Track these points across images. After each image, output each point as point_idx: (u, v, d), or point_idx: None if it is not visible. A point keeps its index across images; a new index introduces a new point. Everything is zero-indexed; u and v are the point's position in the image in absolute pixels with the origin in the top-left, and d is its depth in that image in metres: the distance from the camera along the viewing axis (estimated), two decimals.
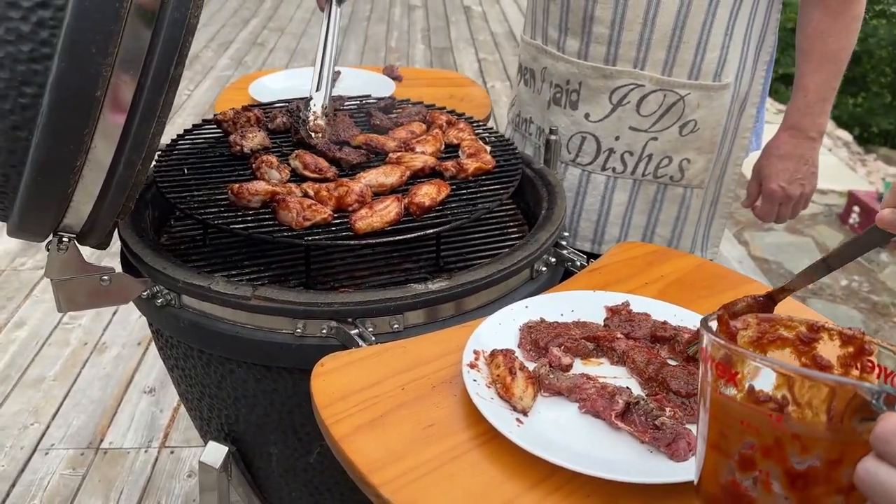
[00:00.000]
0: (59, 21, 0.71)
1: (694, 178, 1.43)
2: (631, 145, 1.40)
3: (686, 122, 1.37)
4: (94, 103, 0.74)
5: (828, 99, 1.39)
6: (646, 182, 1.43)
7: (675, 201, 1.45)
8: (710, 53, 1.33)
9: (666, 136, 1.38)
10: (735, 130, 1.44)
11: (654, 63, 1.34)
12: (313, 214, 1.03)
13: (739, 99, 1.41)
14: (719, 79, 1.36)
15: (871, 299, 3.56)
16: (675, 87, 1.35)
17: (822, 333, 0.61)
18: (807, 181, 1.44)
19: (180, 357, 1.12)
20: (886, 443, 0.43)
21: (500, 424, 0.74)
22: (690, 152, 1.40)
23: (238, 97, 1.75)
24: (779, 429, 0.50)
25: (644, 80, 1.36)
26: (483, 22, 6.67)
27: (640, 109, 1.37)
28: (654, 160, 1.41)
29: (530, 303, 0.95)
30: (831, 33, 1.35)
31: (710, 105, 1.37)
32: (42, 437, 2.16)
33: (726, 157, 1.47)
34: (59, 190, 0.81)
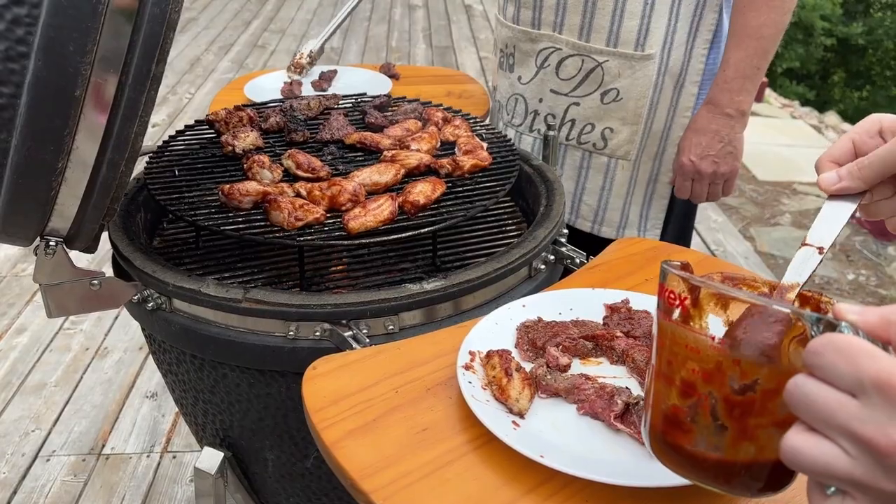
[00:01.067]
0: (35, 18, 0.69)
1: (618, 148, 1.44)
2: (553, 108, 1.44)
3: (607, 90, 1.39)
4: (74, 103, 0.73)
5: (749, 77, 1.34)
6: (571, 147, 1.46)
7: (599, 170, 1.47)
8: (627, 21, 1.34)
9: (587, 103, 1.41)
10: (673, 108, 1.43)
11: (571, 27, 1.38)
12: (305, 214, 1.01)
13: (673, 74, 1.40)
14: (641, 49, 1.35)
15: (878, 293, 3.52)
16: (591, 53, 1.38)
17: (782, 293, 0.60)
18: (721, 160, 1.40)
19: (173, 362, 1.10)
20: (815, 354, 0.44)
21: (496, 428, 0.72)
22: (614, 122, 1.41)
23: (234, 97, 1.73)
24: (721, 353, 0.51)
25: (561, 44, 1.40)
26: (484, 21, 6.64)
27: (559, 73, 1.41)
28: (577, 126, 1.44)
29: (527, 301, 0.93)
30: (752, 7, 1.31)
31: (633, 76, 1.37)
32: (43, 443, 2.14)
33: (664, 135, 1.45)
34: (42, 192, 0.79)
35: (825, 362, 0.43)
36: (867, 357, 0.41)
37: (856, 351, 0.42)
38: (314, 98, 1.39)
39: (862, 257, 3.74)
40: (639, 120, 1.41)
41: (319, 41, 1.66)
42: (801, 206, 4.41)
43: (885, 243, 3.82)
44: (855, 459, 0.41)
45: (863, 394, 0.41)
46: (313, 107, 1.36)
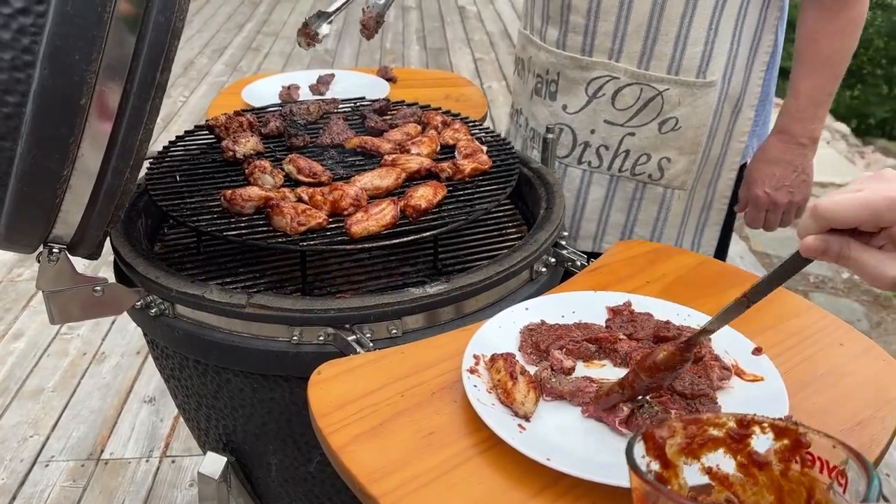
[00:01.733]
0: (40, 28, 0.69)
1: (674, 178, 1.38)
2: (606, 139, 1.37)
3: (666, 118, 1.32)
4: (80, 111, 0.73)
5: (821, 104, 1.32)
6: (623, 179, 1.39)
7: (654, 201, 1.40)
8: (691, 48, 1.28)
9: (644, 133, 1.34)
10: (729, 133, 1.38)
11: (630, 55, 1.30)
12: (308, 219, 1.01)
13: (732, 100, 1.35)
14: (703, 76, 1.30)
15: (872, 291, 3.54)
16: (651, 82, 1.30)
17: (753, 427, 0.57)
18: (796, 189, 1.38)
19: (176, 367, 1.11)
20: None
21: (502, 431, 0.73)
22: (671, 151, 1.35)
23: (232, 102, 1.74)
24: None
25: (619, 73, 1.32)
26: (478, 22, 6.65)
27: (615, 103, 1.34)
28: (632, 156, 1.36)
29: (530, 305, 0.94)
30: (825, 34, 1.28)
31: (694, 103, 1.31)
32: (42, 448, 2.14)
33: (719, 161, 1.41)
34: (47, 200, 0.79)
35: None
36: None
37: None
38: (313, 102, 1.39)
39: None
40: (697, 149, 1.36)
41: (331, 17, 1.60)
42: None
43: None
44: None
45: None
46: (313, 111, 1.36)
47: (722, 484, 0.50)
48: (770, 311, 0.96)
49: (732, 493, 0.49)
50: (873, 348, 0.89)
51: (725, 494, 0.50)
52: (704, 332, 0.72)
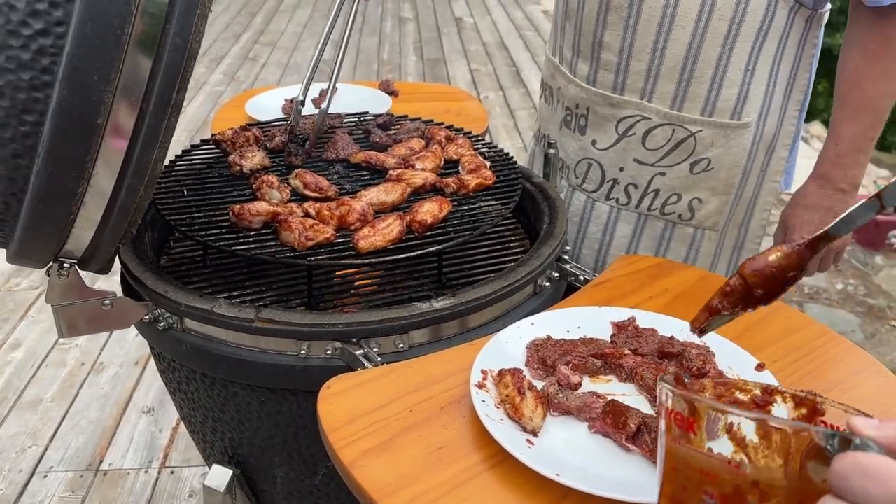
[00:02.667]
0: (59, 49, 0.70)
1: (706, 219, 1.33)
2: (636, 178, 1.33)
3: (698, 159, 1.28)
4: (96, 130, 0.74)
5: (863, 150, 1.28)
6: (652, 217, 1.34)
7: (683, 241, 1.35)
8: (726, 90, 1.24)
9: (675, 173, 1.30)
10: (763, 173, 1.35)
11: (663, 96, 1.26)
12: (316, 234, 1.02)
13: (766, 140, 1.32)
14: (738, 117, 1.26)
15: (867, 302, 3.57)
16: (685, 123, 1.26)
17: (776, 396, 0.60)
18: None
19: (183, 380, 1.11)
20: (843, 479, 0.43)
21: (511, 446, 0.74)
22: (703, 192, 1.31)
23: (235, 115, 1.75)
24: (738, 476, 0.50)
25: (650, 113, 1.27)
26: (475, 33, 6.68)
27: (645, 142, 1.29)
28: (662, 196, 1.32)
29: (536, 320, 0.95)
30: (868, 78, 1.23)
31: (727, 144, 1.27)
32: (40, 459, 2.14)
33: (752, 201, 1.37)
34: (61, 217, 0.80)
35: (854, 486, 0.43)
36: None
37: (884, 472, 0.42)
38: (318, 117, 1.40)
39: (850, 267, 3.79)
40: (730, 190, 1.32)
41: None
42: None
43: (873, 253, 3.87)
44: None
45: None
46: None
47: (739, 445, 0.52)
48: (772, 327, 0.98)
49: (746, 454, 0.51)
50: (873, 364, 0.91)
51: (741, 455, 0.51)
52: (827, 236, 0.66)
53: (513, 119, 4.79)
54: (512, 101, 5.08)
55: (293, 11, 7.49)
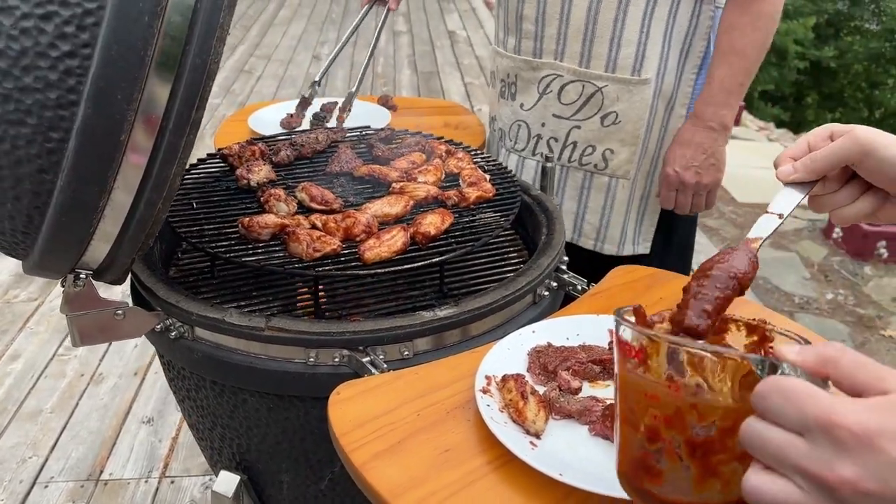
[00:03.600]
0: (85, 69, 0.74)
1: (618, 168, 1.51)
2: (556, 132, 1.52)
3: (607, 113, 1.47)
4: (118, 147, 0.77)
5: (733, 93, 1.43)
6: (573, 169, 1.54)
7: (601, 190, 1.54)
8: (625, 48, 1.43)
9: (588, 126, 1.49)
10: (664, 129, 1.52)
11: (572, 55, 1.46)
12: (323, 245, 1.06)
13: (665, 97, 1.49)
14: (638, 74, 1.44)
15: (856, 312, 3.62)
16: (592, 79, 1.46)
17: (730, 325, 0.66)
18: (704, 171, 1.47)
19: (192, 388, 1.14)
20: (762, 398, 0.48)
21: (516, 448, 0.77)
22: (613, 143, 1.49)
23: (237, 129, 1.78)
24: (678, 398, 0.54)
25: (563, 71, 1.48)
26: (468, 46, 6.75)
27: (561, 98, 1.49)
28: (579, 148, 1.51)
29: (537, 328, 0.98)
30: (737, 27, 1.40)
31: (631, 99, 1.45)
32: (41, 469, 2.15)
33: (655, 154, 1.54)
34: (82, 230, 0.83)
35: (772, 405, 0.47)
36: (809, 398, 0.46)
37: (799, 393, 0.46)
38: (322, 132, 1.44)
39: (840, 277, 3.84)
40: (637, 141, 1.49)
41: None
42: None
43: (862, 263, 3.93)
44: (808, 494, 0.45)
45: (808, 433, 0.45)
46: (321, 140, 1.41)
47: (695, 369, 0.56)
48: None
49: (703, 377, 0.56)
50: None
51: (697, 380, 0.56)
52: None
53: None
54: None
55: (288, 25, 7.55)
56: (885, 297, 3.82)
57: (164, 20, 0.75)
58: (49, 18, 0.72)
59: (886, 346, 3.29)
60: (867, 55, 10.89)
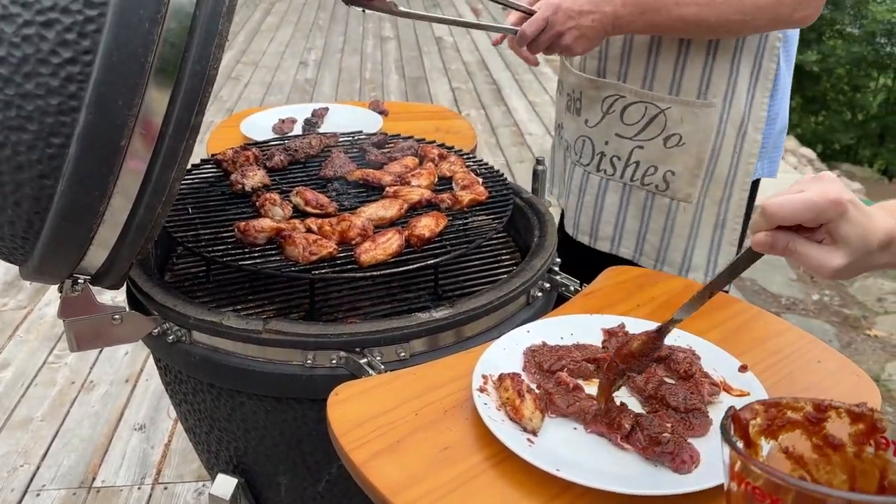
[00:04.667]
0: (86, 76, 0.75)
1: (678, 190, 1.48)
2: (618, 150, 1.49)
3: (670, 135, 1.44)
4: (119, 152, 0.78)
5: None
6: (635, 188, 1.50)
7: (662, 211, 1.51)
8: (689, 71, 1.40)
9: (651, 147, 1.46)
10: (737, 154, 1.46)
11: (635, 77, 1.43)
12: (319, 249, 1.07)
13: (735, 122, 1.43)
14: (704, 97, 1.41)
15: (842, 312, 3.66)
16: (654, 101, 1.43)
17: (829, 412, 0.62)
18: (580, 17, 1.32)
19: (189, 392, 1.15)
20: None
21: (513, 445, 0.79)
22: (676, 165, 1.46)
23: (229, 135, 1.79)
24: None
25: (626, 92, 1.45)
26: (455, 52, 6.78)
27: (623, 118, 1.47)
28: (641, 168, 1.48)
29: (532, 328, 1.00)
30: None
31: (696, 121, 1.42)
32: (33, 478, 2.14)
33: (729, 181, 1.48)
34: (82, 235, 0.84)
35: None
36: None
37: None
38: (315, 137, 1.45)
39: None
40: (700, 164, 1.45)
41: None
42: None
43: None
44: None
45: None
46: (314, 145, 1.43)
47: (797, 463, 0.55)
48: (753, 332, 1.04)
49: (807, 471, 0.54)
50: (848, 365, 0.97)
51: (800, 473, 0.54)
52: (673, 321, 0.82)
53: (494, 136, 4.86)
54: (493, 119, 5.16)
55: (275, 31, 7.55)
56: (870, 297, 3.87)
57: (164, 27, 0.76)
58: (50, 25, 0.73)
59: (872, 346, 3.33)
60: (849, 59, 11.02)
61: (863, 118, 11.56)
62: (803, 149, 7.54)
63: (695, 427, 0.82)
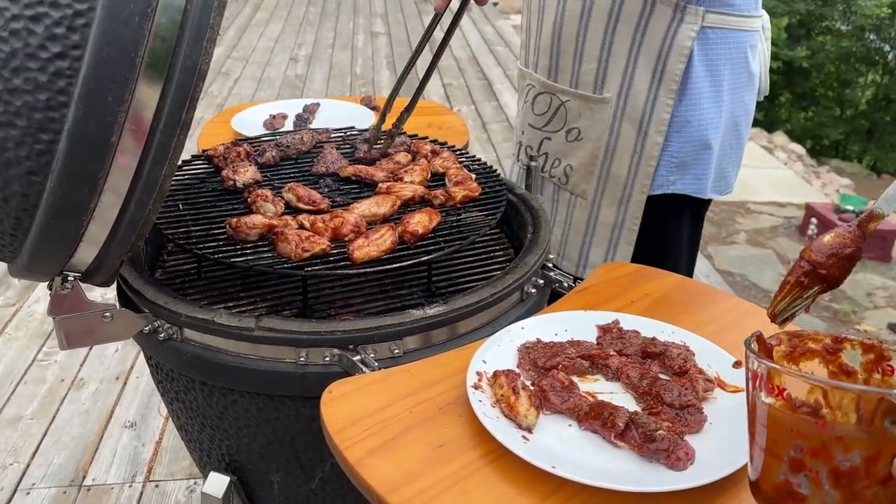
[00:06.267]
0: (75, 71, 0.74)
1: (576, 186, 1.51)
2: (530, 140, 1.55)
3: (570, 128, 1.47)
4: (109, 148, 0.77)
5: None
6: (546, 179, 1.55)
7: (564, 205, 1.54)
8: (586, 64, 1.42)
9: (556, 139, 1.50)
10: (638, 156, 1.43)
11: (542, 67, 1.48)
12: (312, 245, 1.06)
13: (633, 120, 1.41)
14: (600, 92, 1.42)
15: (832, 308, 3.69)
16: (557, 92, 1.47)
17: (845, 344, 0.69)
18: None
19: (181, 390, 1.14)
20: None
21: (508, 442, 0.78)
22: (573, 160, 1.49)
23: (220, 130, 1.78)
24: (824, 433, 0.58)
25: (535, 82, 1.51)
26: (446, 48, 6.76)
27: (534, 108, 1.52)
28: (550, 160, 1.53)
29: (526, 324, 1.00)
30: None
31: (592, 117, 1.44)
32: (22, 476, 2.13)
33: (628, 182, 1.45)
34: (71, 231, 0.83)
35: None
36: None
37: None
38: (307, 132, 1.44)
39: None
40: (595, 161, 1.45)
41: None
42: (755, 224, 4.59)
43: None
44: None
45: None
46: (306, 141, 1.42)
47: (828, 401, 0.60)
48: (746, 328, 1.03)
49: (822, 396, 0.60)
50: None
51: (815, 396, 0.60)
52: (873, 215, 0.73)
53: (486, 132, 4.86)
54: (485, 115, 5.15)
55: (265, 26, 7.51)
56: (860, 292, 3.90)
57: (155, 21, 0.75)
58: (39, 20, 0.72)
59: None
60: (838, 55, 11.08)
61: (852, 114, 11.62)
62: (793, 144, 7.56)
63: (690, 424, 0.82)
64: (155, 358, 1.15)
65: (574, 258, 1.55)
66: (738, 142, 1.52)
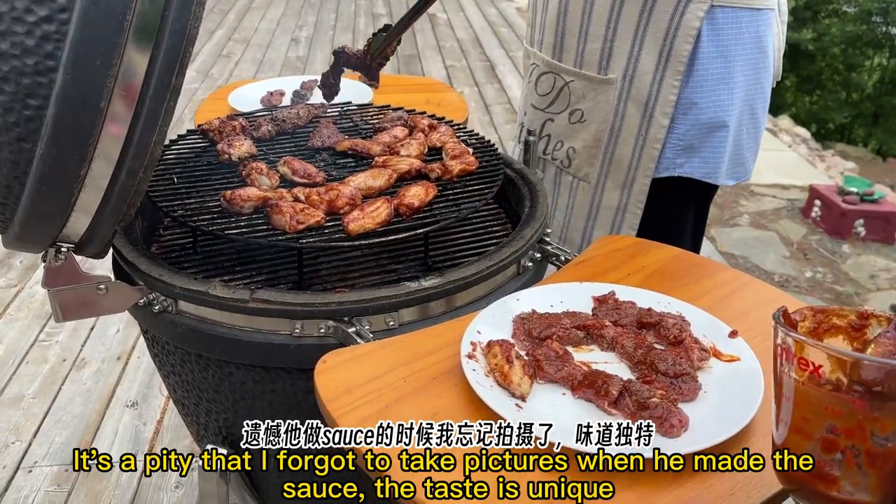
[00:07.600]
0: (63, 35, 0.73)
1: (578, 169, 1.47)
2: (533, 122, 1.51)
3: (574, 110, 1.44)
4: (98, 114, 0.77)
5: None
6: (548, 162, 1.52)
7: (566, 188, 1.51)
8: (591, 44, 1.38)
9: (559, 121, 1.46)
10: (643, 138, 1.39)
11: (547, 46, 1.45)
12: (306, 218, 1.05)
13: (637, 101, 1.37)
14: (604, 72, 1.38)
15: (835, 289, 3.67)
16: (561, 72, 1.44)
17: (870, 320, 0.66)
18: None
19: (177, 363, 1.14)
20: None
21: (502, 410, 0.78)
22: (577, 142, 1.45)
23: (217, 107, 1.77)
24: (861, 412, 0.56)
25: (539, 60, 1.47)
26: (448, 29, 6.72)
27: (537, 88, 1.48)
28: (552, 142, 1.49)
29: (521, 295, 0.99)
30: None
31: (596, 98, 1.40)
32: (24, 454, 2.14)
33: (632, 165, 1.42)
34: (63, 200, 0.83)
35: None
36: None
37: None
38: (303, 107, 1.43)
39: (819, 255, 3.89)
40: (598, 144, 1.42)
41: None
42: (758, 206, 4.57)
43: (840, 241, 3.98)
44: None
45: None
46: (302, 115, 1.41)
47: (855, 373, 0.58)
48: (744, 299, 1.03)
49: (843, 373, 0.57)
50: None
51: (837, 374, 0.57)
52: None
53: (488, 114, 4.83)
54: (487, 97, 5.13)
55: (266, 8, 7.47)
56: (863, 274, 3.88)
57: None
58: None
59: None
60: (844, 38, 10.98)
61: (857, 98, 11.54)
62: (798, 128, 7.52)
63: (684, 392, 0.82)
64: (151, 331, 1.14)
65: (577, 242, 1.52)
66: (755, 126, 1.46)
